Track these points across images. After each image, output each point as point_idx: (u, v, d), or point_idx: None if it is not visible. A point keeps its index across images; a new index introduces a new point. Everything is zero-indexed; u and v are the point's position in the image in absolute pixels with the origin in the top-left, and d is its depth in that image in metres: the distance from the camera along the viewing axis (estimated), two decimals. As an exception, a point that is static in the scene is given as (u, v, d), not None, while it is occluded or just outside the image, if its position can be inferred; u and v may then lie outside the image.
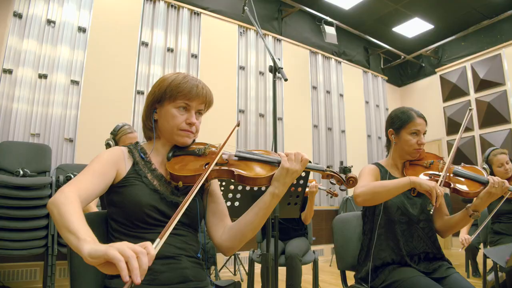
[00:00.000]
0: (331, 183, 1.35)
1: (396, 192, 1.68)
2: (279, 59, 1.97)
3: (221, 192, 2.37)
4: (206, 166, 1.21)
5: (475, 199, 1.74)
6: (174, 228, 1.21)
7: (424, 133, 1.89)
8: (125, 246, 0.76)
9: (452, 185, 1.75)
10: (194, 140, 1.39)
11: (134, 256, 0.74)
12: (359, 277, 1.83)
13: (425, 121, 1.90)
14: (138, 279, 0.72)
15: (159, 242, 0.84)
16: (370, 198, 1.69)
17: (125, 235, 1.17)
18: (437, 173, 1.81)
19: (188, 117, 1.30)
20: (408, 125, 1.87)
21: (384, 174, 1.91)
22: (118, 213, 1.20)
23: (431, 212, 1.51)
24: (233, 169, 1.24)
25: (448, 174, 1.78)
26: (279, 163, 1.26)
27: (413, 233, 1.80)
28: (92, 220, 1.25)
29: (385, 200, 1.73)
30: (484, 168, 1.67)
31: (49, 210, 0.98)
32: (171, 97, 1.29)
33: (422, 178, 1.61)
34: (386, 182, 1.70)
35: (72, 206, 0.95)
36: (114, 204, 1.21)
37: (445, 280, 1.64)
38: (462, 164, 1.90)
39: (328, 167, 1.38)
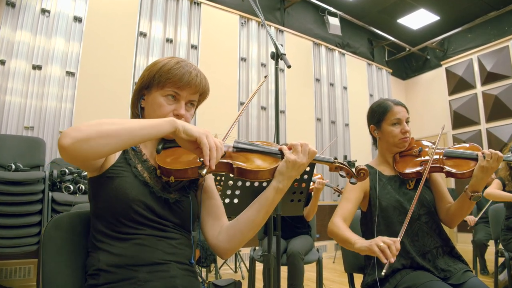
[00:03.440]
0: (341, 175, 1.24)
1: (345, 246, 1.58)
2: (281, 45, 1.82)
3: (220, 188, 2.21)
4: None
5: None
6: (162, 231, 1.08)
7: (407, 121, 1.79)
8: (212, 138, 0.97)
9: (444, 169, 1.63)
10: None
11: (215, 148, 0.96)
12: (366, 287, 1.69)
13: (405, 108, 1.81)
14: (214, 166, 0.95)
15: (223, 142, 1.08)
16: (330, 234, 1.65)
17: (109, 236, 1.04)
18: (427, 158, 1.69)
19: (176, 108, 1.16)
20: (387, 115, 1.78)
21: (373, 176, 1.78)
22: (104, 209, 1.06)
23: (383, 275, 1.31)
24: (231, 161, 1.10)
25: (439, 157, 1.67)
26: (282, 154, 1.13)
27: (417, 230, 1.66)
28: (71, 220, 1.11)
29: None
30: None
31: (84, 136, 0.86)
32: (159, 84, 1.15)
33: (363, 243, 1.42)
34: (343, 233, 1.56)
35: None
36: (99, 198, 1.07)
37: (463, 286, 1.50)
38: (455, 144, 1.76)
39: (335, 158, 1.24)
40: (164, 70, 1.15)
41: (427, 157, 1.70)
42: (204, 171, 0.93)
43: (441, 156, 1.68)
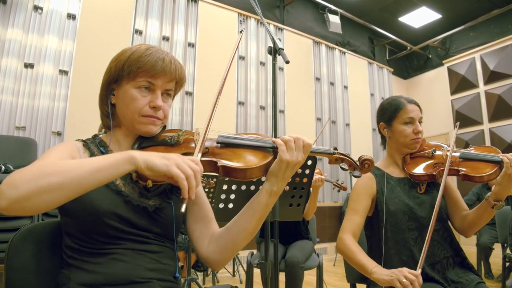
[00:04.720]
0: (342, 168, 1.12)
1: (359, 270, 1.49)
2: (279, 39, 1.70)
3: (213, 192, 2.08)
4: None
5: (494, 186, 1.48)
6: (142, 243, 0.96)
7: (420, 121, 1.68)
8: (184, 165, 0.80)
9: (460, 172, 1.52)
10: (165, 127, 1.13)
11: (193, 175, 0.79)
12: None
13: (419, 107, 1.70)
14: (193, 196, 0.79)
15: (199, 155, 0.88)
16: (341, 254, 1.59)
17: (81, 252, 0.92)
18: (441, 162, 1.59)
19: (152, 99, 1.03)
20: (399, 113, 1.68)
21: (381, 178, 1.66)
22: (73, 225, 0.94)
23: None
24: (215, 159, 0.96)
25: (454, 160, 1.57)
26: (273, 147, 1.00)
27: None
28: (42, 232, 1.00)
29: None
30: None
31: (23, 195, 0.73)
32: (130, 74, 1.02)
33: (383, 273, 1.34)
34: (358, 257, 1.47)
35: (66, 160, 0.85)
36: (67, 213, 0.95)
37: (476, 299, 1.39)
38: (471, 147, 1.67)
39: (335, 148, 1.11)
40: (133, 58, 1.02)
41: (441, 160, 1.59)
42: (184, 207, 0.77)
43: (457, 159, 1.57)
